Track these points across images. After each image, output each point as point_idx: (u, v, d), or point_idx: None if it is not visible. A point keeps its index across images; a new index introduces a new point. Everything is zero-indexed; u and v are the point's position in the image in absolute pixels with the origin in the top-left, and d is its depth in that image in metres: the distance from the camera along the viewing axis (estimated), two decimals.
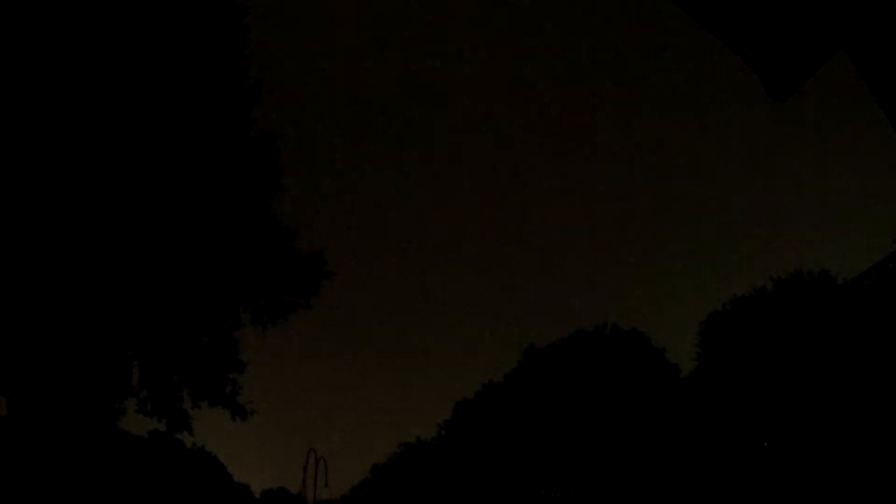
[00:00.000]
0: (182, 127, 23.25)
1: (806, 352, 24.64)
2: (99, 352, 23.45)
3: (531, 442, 38.70)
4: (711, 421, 29.20)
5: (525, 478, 38.39)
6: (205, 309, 25.22)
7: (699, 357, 36.02)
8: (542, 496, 37.30)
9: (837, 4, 2.96)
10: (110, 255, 22.34)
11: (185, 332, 25.40)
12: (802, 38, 3.06)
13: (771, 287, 33.99)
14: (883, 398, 20.46)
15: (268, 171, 25.51)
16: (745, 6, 3.13)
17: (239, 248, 25.00)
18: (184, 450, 29.78)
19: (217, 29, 24.29)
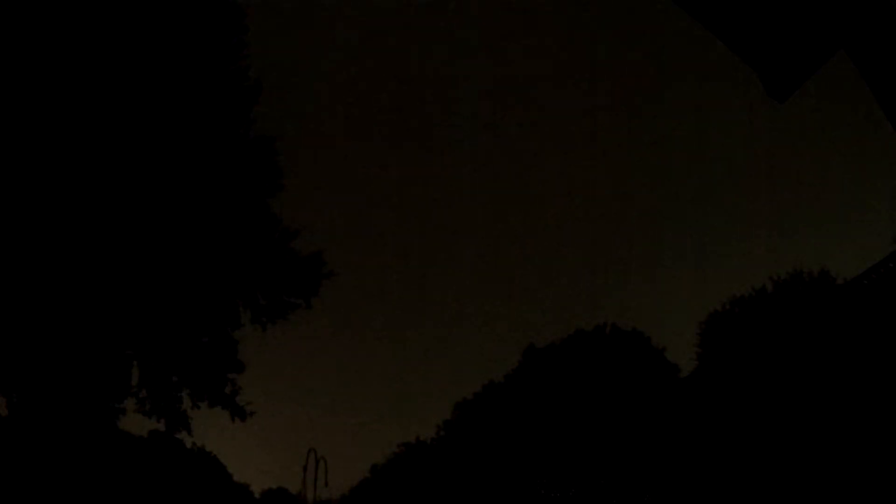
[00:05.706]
0: (182, 127, 23.26)
1: (806, 352, 24.65)
2: (99, 352, 23.45)
3: (531, 442, 38.69)
4: (711, 421, 29.19)
5: (525, 478, 38.39)
6: (205, 309, 25.23)
7: (699, 357, 36.02)
8: (542, 496, 37.31)
9: (837, 4, 2.96)
10: (110, 256, 22.34)
11: (185, 332, 25.40)
12: (802, 38, 3.05)
13: (771, 287, 34.00)
14: (883, 398, 20.47)
15: (268, 171, 25.54)
16: (745, 6, 3.12)
17: (239, 248, 25.01)
18: (184, 450, 29.75)
19: (217, 29, 24.31)
